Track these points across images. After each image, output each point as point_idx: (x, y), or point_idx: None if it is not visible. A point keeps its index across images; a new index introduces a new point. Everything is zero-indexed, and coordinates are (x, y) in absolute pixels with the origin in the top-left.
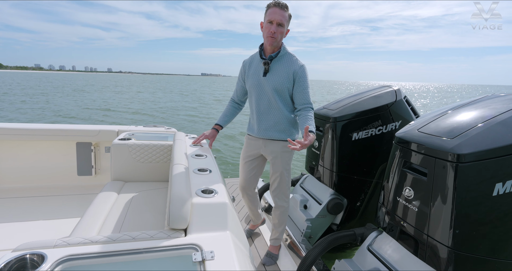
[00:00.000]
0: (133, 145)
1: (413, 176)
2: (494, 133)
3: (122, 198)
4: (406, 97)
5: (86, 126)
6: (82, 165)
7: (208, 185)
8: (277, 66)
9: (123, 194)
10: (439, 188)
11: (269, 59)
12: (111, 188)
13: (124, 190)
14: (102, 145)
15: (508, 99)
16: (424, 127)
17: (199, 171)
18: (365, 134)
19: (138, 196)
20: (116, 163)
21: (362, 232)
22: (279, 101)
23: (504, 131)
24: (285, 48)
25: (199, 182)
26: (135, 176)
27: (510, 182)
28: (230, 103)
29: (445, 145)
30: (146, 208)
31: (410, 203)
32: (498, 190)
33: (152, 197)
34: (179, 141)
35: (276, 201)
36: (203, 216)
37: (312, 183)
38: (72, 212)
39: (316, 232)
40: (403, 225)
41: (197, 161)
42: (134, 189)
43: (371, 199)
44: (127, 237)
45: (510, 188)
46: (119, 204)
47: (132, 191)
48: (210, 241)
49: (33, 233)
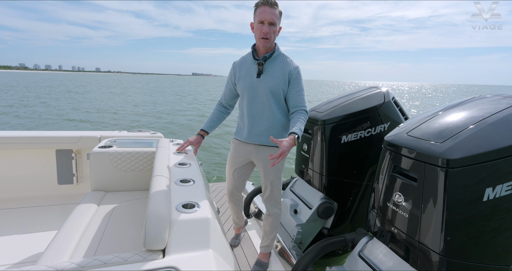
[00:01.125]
0: (114, 153)
1: (403, 181)
2: (484, 137)
3: (102, 210)
4: (394, 99)
5: (66, 133)
6: (62, 173)
7: (190, 197)
8: (271, 67)
9: (104, 205)
10: (430, 193)
11: (263, 60)
12: (90, 199)
13: (104, 201)
14: (84, 152)
15: (494, 100)
16: (413, 131)
17: (181, 182)
18: (354, 136)
19: (119, 207)
20: (96, 172)
21: (353, 237)
22: (273, 104)
23: (493, 134)
24: (279, 48)
25: (180, 195)
26: (117, 186)
27: (500, 186)
28: (217, 107)
29: (435, 149)
30: (126, 221)
31: (401, 208)
32: (488, 195)
33: (134, 207)
34: (162, 148)
35: (268, 208)
36: (183, 234)
37: (302, 186)
38: (50, 224)
39: (306, 237)
40: (394, 231)
41: (180, 170)
42: (116, 199)
43: (362, 202)
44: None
45: (500, 193)
46: (98, 217)
47: (113, 202)
48: (190, 262)
49: (6, 249)
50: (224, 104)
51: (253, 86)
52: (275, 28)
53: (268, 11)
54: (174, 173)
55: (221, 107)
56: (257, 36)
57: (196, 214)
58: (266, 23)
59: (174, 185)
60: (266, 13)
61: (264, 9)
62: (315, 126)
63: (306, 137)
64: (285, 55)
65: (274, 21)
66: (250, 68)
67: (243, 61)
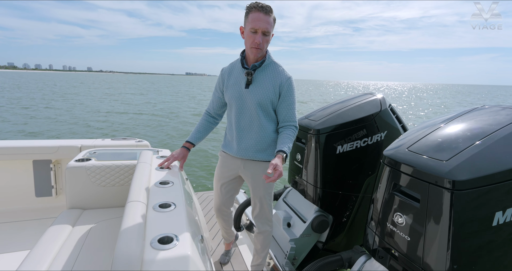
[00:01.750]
0: (92, 167)
1: (404, 201)
2: (492, 155)
3: (76, 232)
4: (391, 106)
5: (43, 142)
6: (40, 185)
7: (169, 228)
8: (261, 77)
9: (79, 226)
10: (434, 216)
11: (252, 69)
12: (65, 218)
13: (80, 221)
14: (64, 162)
15: (495, 112)
16: (414, 145)
17: (160, 208)
18: (350, 146)
19: (96, 228)
20: (73, 189)
21: (350, 256)
22: (262, 117)
23: (502, 153)
24: (270, 56)
25: (157, 225)
26: (95, 202)
27: (510, 209)
28: (205, 117)
29: (440, 169)
30: (103, 245)
31: (402, 230)
32: (498, 219)
33: (112, 228)
34: (142, 164)
35: (259, 226)
36: None
37: (296, 197)
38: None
39: (300, 252)
40: (394, 254)
41: (160, 191)
42: (93, 218)
43: (358, 214)
44: None
45: (510, 217)
46: (71, 240)
47: (90, 221)
48: None
49: None
50: (212, 114)
51: (241, 97)
52: (268, 38)
53: (262, 19)
54: (153, 195)
55: (209, 117)
56: (248, 45)
57: (175, 251)
58: (260, 32)
59: (152, 212)
60: (260, 21)
61: (258, 16)
62: (308, 135)
63: (299, 146)
64: (276, 64)
65: (268, 30)
66: (238, 77)
67: (232, 69)
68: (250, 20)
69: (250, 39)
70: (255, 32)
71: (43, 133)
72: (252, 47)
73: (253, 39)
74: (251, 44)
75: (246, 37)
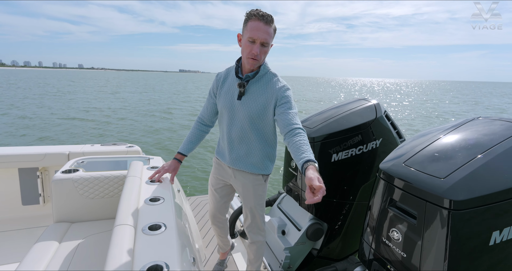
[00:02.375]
0: (80, 179)
1: (400, 217)
2: (490, 174)
3: (63, 248)
4: (386, 112)
5: (29, 149)
6: (27, 193)
7: (160, 254)
8: (254, 89)
9: (66, 242)
10: (431, 234)
11: (245, 80)
12: (51, 234)
13: (68, 236)
14: (51, 170)
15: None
16: (410, 160)
17: (150, 230)
18: (345, 154)
19: (84, 243)
20: (60, 202)
21: (345, 267)
22: (253, 129)
23: (500, 172)
24: (266, 66)
25: (146, 251)
26: (84, 215)
27: (508, 229)
28: (197, 126)
29: (437, 187)
30: (90, 261)
31: (398, 246)
32: (495, 238)
33: (100, 243)
34: (132, 179)
35: (251, 236)
36: None
37: (290, 204)
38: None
39: (295, 260)
40: (390, 269)
41: (150, 210)
42: (81, 232)
43: (352, 221)
44: None
45: (508, 235)
46: (58, 257)
47: (78, 236)
48: None
49: None
50: (206, 121)
51: (233, 108)
52: (267, 49)
53: (262, 29)
54: (143, 215)
55: (202, 126)
56: (245, 54)
57: None
58: (258, 43)
59: (141, 235)
60: (259, 32)
61: (258, 25)
62: None
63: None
64: (272, 73)
65: (267, 41)
66: (231, 86)
67: (227, 75)
68: (249, 29)
69: (247, 49)
70: (253, 42)
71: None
72: (249, 57)
73: (250, 49)
74: (248, 54)
75: (243, 46)
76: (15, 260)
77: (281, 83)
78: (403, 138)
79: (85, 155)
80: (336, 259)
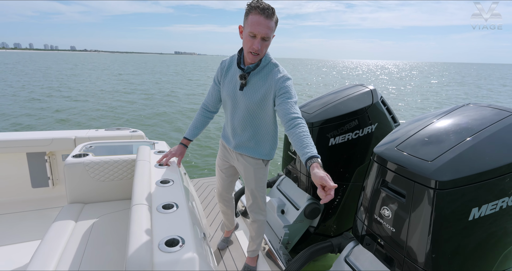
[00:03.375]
0: (91, 163)
1: (391, 196)
2: (473, 157)
3: (80, 227)
4: (382, 98)
5: (36, 134)
6: (36, 176)
7: (174, 230)
8: (256, 80)
9: (82, 221)
10: (418, 211)
11: (247, 71)
12: (67, 214)
13: (83, 216)
14: (58, 154)
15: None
16: (402, 144)
17: (163, 209)
18: (342, 139)
19: (99, 222)
20: (72, 184)
21: (339, 242)
22: (254, 120)
23: (482, 155)
24: (267, 57)
25: (163, 227)
26: (96, 197)
27: (485, 206)
28: (202, 112)
29: (425, 169)
30: (107, 239)
31: (388, 222)
32: (474, 214)
33: (115, 222)
34: (141, 162)
35: (252, 215)
36: None
37: (289, 185)
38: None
39: (293, 237)
40: (380, 242)
41: (162, 191)
42: (95, 212)
43: (347, 201)
44: None
45: (485, 212)
46: (76, 236)
47: (92, 216)
48: None
49: None
50: (210, 107)
51: (235, 98)
52: (268, 43)
53: (262, 24)
54: (156, 196)
55: (206, 112)
56: (246, 48)
57: (181, 253)
58: (259, 37)
59: (156, 214)
60: (260, 26)
61: (258, 20)
62: None
63: None
64: (274, 64)
65: (268, 35)
66: (234, 76)
67: (230, 64)
68: (250, 23)
69: (248, 43)
70: (254, 36)
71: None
72: (249, 52)
73: (251, 44)
74: (249, 48)
75: (244, 39)
76: (32, 238)
77: (281, 74)
78: (397, 122)
79: (91, 139)
80: (331, 235)
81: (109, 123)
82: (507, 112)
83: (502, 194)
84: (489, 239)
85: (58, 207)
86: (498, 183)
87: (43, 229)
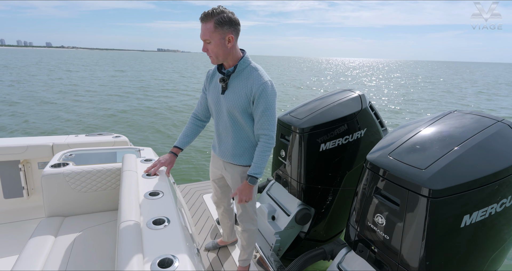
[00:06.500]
0: (71, 173)
1: (385, 204)
2: (464, 164)
3: (60, 242)
4: (370, 103)
5: (9, 141)
6: (9, 186)
7: (167, 247)
8: (235, 83)
9: (62, 235)
10: (411, 219)
11: (227, 75)
12: (45, 228)
13: (63, 230)
14: (34, 162)
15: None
16: (395, 152)
17: (154, 225)
18: (332, 144)
19: (81, 237)
20: (50, 196)
21: (332, 248)
22: (235, 123)
23: (472, 163)
24: (245, 60)
25: (155, 246)
26: (77, 209)
27: (476, 212)
28: (192, 120)
29: (418, 178)
30: (90, 255)
31: (382, 230)
32: (465, 221)
33: (99, 235)
34: (128, 173)
35: (243, 225)
36: None
37: (279, 190)
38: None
39: (284, 243)
40: (374, 249)
41: (151, 204)
42: (76, 226)
43: (337, 206)
44: None
45: (476, 218)
46: (56, 252)
47: (73, 230)
48: None
49: None
50: (200, 116)
51: (218, 103)
52: (213, 46)
53: (201, 28)
54: (145, 210)
55: (197, 121)
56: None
57: None
58: (203, 41)
59: (147, 231)
60: (201, 31)
61: (200, 25)
62: (292, 133)
63: (283, 143)
64: (253, 68)
65: (206, 37)
66: (217, 81)
67: (215, 72)
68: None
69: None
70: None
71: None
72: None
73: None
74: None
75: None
76: (7, 254)
77: (261, 79)
78: (384, 127)
79: (70, 146)
80: (322, 240)
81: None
82: (491, 120)
83: (491, 200)
84: (480, 243)
85: (34, 218)
86: (488, 190)
87: (18, 244)
